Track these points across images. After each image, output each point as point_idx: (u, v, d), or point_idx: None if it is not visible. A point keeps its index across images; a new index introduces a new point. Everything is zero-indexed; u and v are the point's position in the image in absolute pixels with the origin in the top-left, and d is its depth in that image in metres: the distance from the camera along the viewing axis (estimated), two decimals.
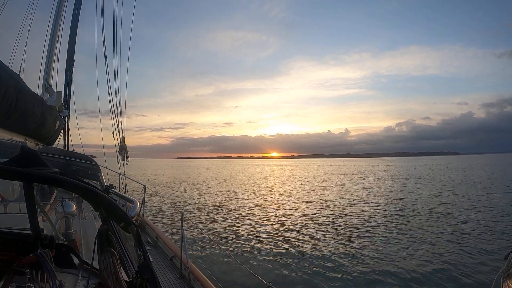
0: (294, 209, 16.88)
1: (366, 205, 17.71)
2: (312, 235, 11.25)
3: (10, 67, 2.60)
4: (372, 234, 11.24)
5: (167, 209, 15.72)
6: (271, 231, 11.99)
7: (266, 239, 10.85)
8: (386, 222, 13.08)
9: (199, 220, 14.14)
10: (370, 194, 22.72)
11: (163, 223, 12.90)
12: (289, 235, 11.40)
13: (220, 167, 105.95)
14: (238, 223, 13.53)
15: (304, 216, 14.96)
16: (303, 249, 9.68)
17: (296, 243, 10.26)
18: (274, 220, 14.05)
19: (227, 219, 14.40)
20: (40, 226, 1.45)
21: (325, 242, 10.34)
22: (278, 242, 10.42)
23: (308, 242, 10.36)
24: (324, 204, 18.25)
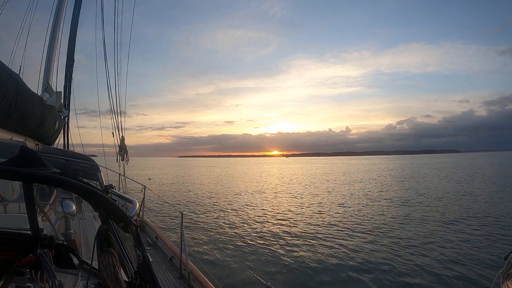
0: (295, 209, 16.85)
1: (363, 204, 17.68)
2: (312, 235, 11.23)
3: (10, 67, 2.60)
4: (370, 234, 11.23)
5: (167, 209, 15.71)
6: (271, 231, 11.98)
7: (266, 239, 10.83)
8: (381, 223, 13.05)
9: (199, 220, 14.13)
10: (373, 195, 22.71)
11: (163, 223, 12.90)
12: (289, 235, 11.39)
13: (221, 165, 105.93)
14: (238, 223, 13.52)
15: (305, 216, 14.94)
16: (303, 249, 9.67)
17: (296, 243, 10.25)
18: (274, 220, 14.04)
19: (227, 219, 14.40)
20: (40, 226, 1.45)
21: (326, 242, 10.33)
22: (278, 242, 10.41)
23: (308, 242, 10.35)
24: (325, 204, 18.23)
